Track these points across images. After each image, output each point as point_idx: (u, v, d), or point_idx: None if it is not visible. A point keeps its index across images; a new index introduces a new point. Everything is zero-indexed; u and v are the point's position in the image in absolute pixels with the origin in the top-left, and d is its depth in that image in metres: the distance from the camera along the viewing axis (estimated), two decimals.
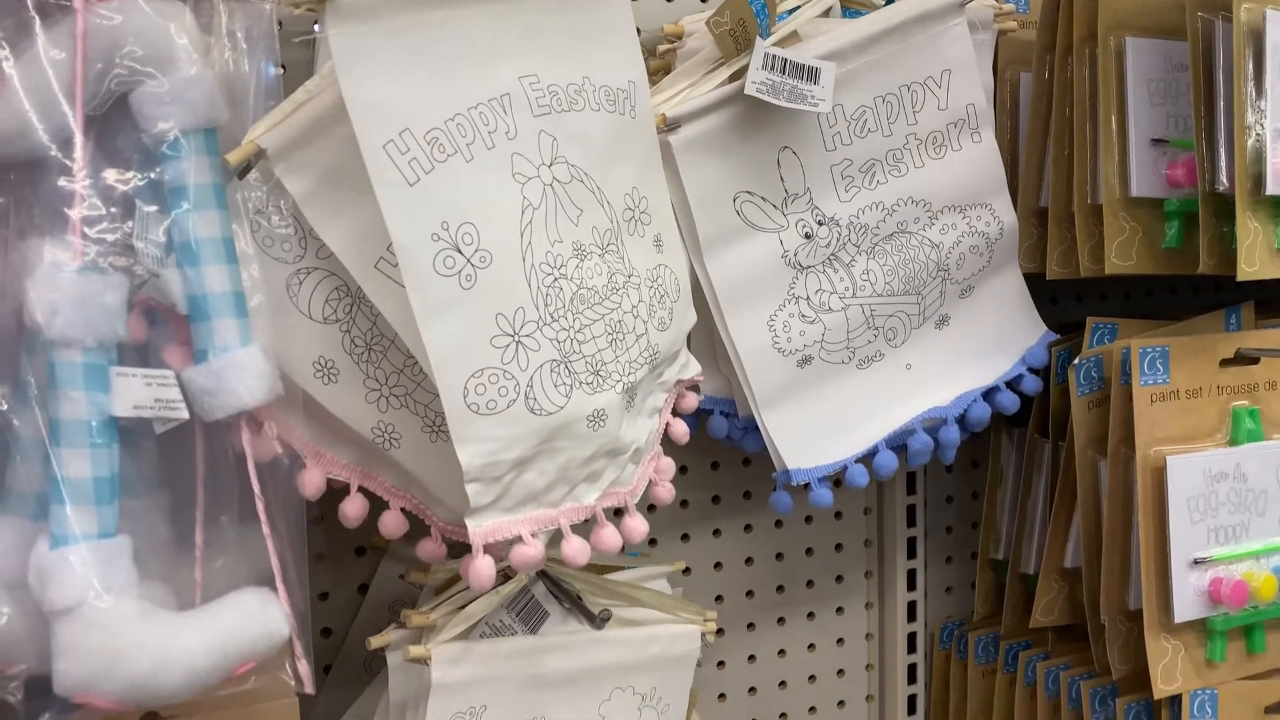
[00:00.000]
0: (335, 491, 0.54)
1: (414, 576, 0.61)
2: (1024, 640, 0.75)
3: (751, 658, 0.78)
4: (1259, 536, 0.64)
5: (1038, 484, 0.73)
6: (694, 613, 0.68)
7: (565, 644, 0.59)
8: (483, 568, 0.47)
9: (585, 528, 0.53)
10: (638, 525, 0.55)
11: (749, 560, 0.77)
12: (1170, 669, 0.63)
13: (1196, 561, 0.62)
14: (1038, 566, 0.72)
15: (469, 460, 0.46)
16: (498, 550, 0.49)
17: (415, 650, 0.53)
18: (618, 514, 0.56)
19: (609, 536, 0.53)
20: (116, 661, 0.40)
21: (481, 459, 0.46)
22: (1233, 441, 0.64)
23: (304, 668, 0.46)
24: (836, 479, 0.76)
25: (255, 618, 0.43)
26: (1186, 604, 0.62)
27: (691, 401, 0.62)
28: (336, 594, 0.67)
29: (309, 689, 0.46)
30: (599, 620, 0.59)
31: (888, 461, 0.66)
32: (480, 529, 0.47)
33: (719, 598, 0.77)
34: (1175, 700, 0.64)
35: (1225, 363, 0.65)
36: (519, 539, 0.49)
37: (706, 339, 0.66)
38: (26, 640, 0.40)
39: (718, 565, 0.77)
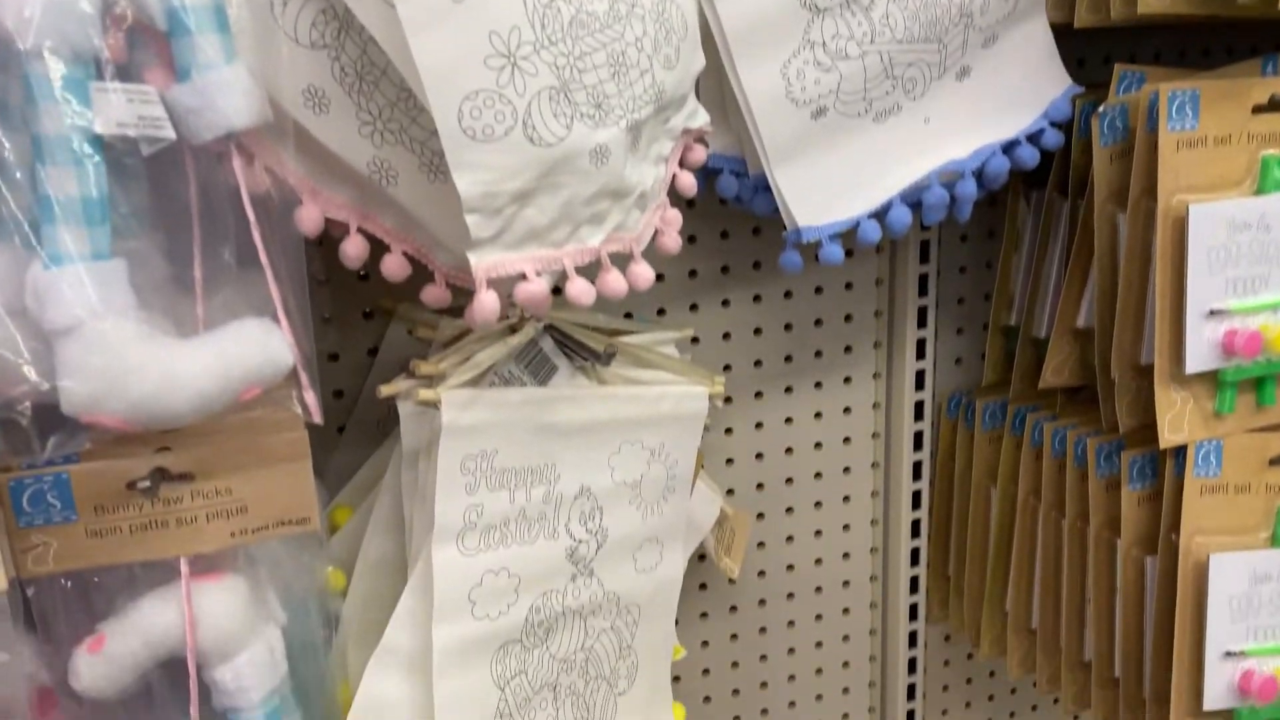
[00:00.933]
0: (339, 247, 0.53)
1: (422, 332, 0.61)
2: (1032, 404, 0.76)
3: (759, 425, 0.79)
4: (1278, 289, 0.62)
5: (1054, 246, 0.72)
6: (703, 376, 0.69)
7: (575, 396, 0.60)
8: (487, 302, 0.47)
9: (591, 273, 0.53)
10: (643, 272, 0.54)
11: (758, 331, 0.77)
12: (1178, 420, 0.63)
13: (1213, 312, 0.61)
14: (1049, 329, 0.71)
15: (466, 188, 0.45)
16: (501, 288, 0.48)
17: (425, 394, 0.53)
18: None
19: (614, 281, 0.52)
20: (121, 381, 0.40)
21: (480, 188, 0.45)
22: (1259, 190, 0.62)
23: (311, 398, 0.46)
24: (849, 250, 0.75)
25: (258, 343, 0.43)
26: (1199, 355, 0.62)
27: (699, 154, 0.60)
28: (346, 356, 0.67)
29: (316, 418, 0.47)
30: (605, 356, 0.59)
31: (901, 216, 0.64)
32: (483, 263, 0.46)
33: (727, 367, 0.77)
34: (1180, 451, 0.64)
35: (1258, 110, 0.62)
36: (522, 276, 0.48)
37: (716, 92, 0.64)
38: (31, 362, 0.40)
39: (726, 335, 0.76)
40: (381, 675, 0.54)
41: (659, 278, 0.73)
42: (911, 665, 0.87)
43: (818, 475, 0.82)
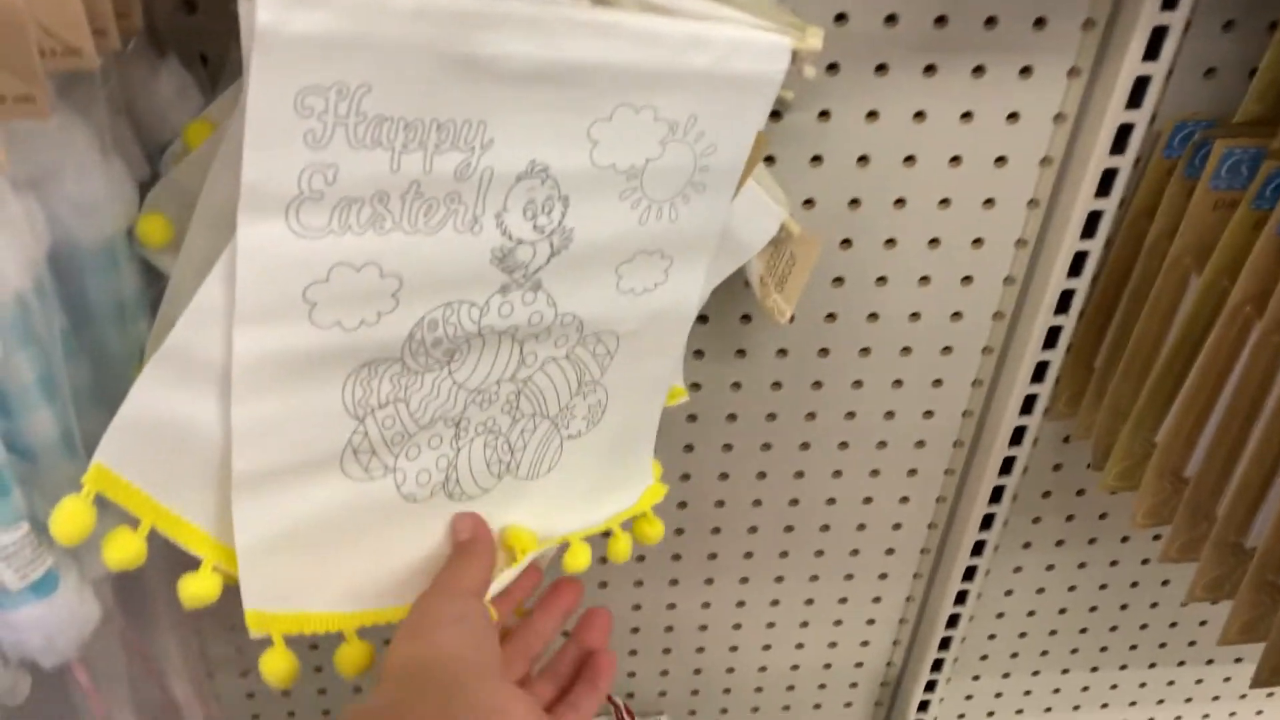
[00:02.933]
0: None
1: None
2: None
3: (872, 114, 0.54)
4: None
5: None
6: (787, 23, 0.44)
7: (536, 19, 0.36)
8: None
9: None
10: None
11: None
12: None
13: None
14: None
15: None
16: None
17: None
18: None
19: None
20: None
21: None
22: None
23: None
24: None
25: None
26: None
27: None
28: None
29: None
30: None
31: None
32: None
33: (841, 16, 0.50)
34: None
35: None
36: None
37: None
38: None
39: None
40: (161, 386, 0.37)
41: None
42: (1007, 465, 0.67)
43: (944, 203, 0.57)
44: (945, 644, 0.78)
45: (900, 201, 0.57)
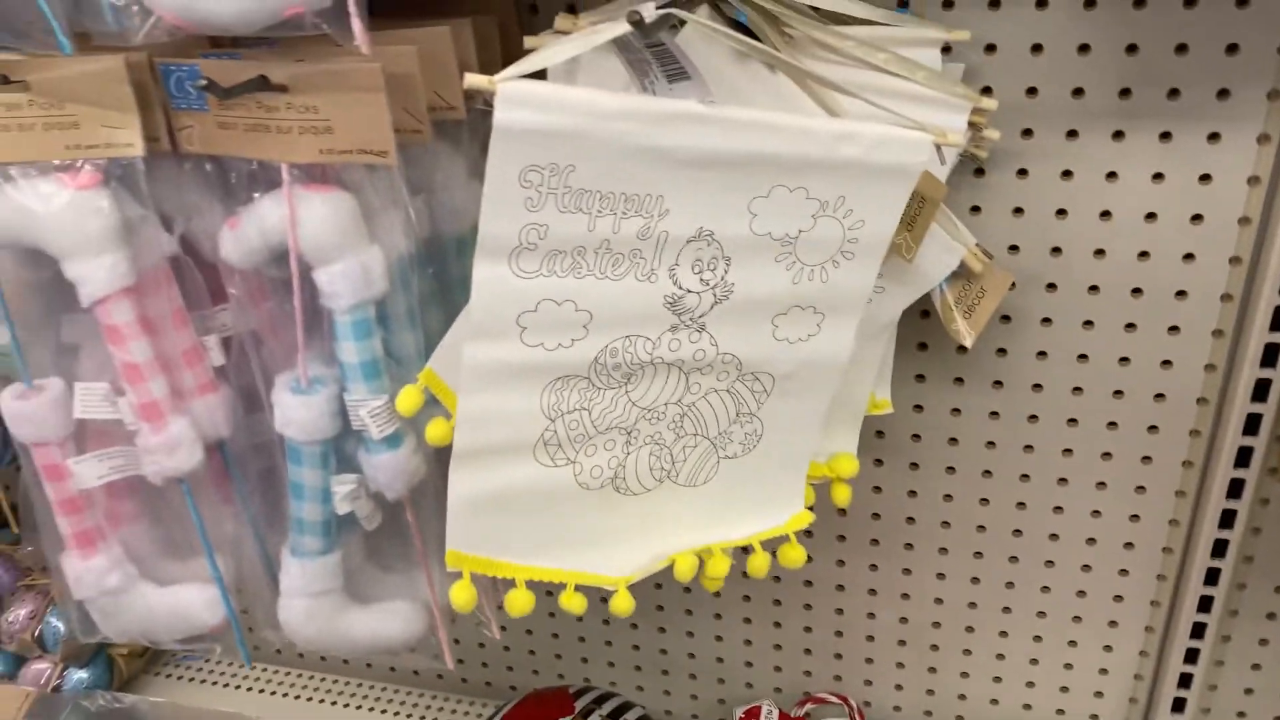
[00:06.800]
0: None
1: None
2: None
3: (1067, 174, 0.63)
4: None
5: None
6: (959, 95, 0.56)
7: (705, 117, 0.47)
8: None
9: None
10: None
11: (1084, 48, 0.59)
12: None
13: None
14: None
15: None
16: None
17: (474, 79, 0.43)
18: None
19: None
20: None
21: None
22: None
23: (358, 27, 0.46)
24: None
25: None
26: None
27: None
28: None
29: (365, 49, 0.47)
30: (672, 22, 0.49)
31: None
32: None
33: (1032, 90, 0.61)
34: None
35: None
36: None
37: None
38: None
39: (1037, 48, 0.60)
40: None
41: None
42: (1228, 518, 0.69)
43: (1143, 255, 0.64)
44: (1179, 706, 0.78)
45: (1100, 252, 0.64)
